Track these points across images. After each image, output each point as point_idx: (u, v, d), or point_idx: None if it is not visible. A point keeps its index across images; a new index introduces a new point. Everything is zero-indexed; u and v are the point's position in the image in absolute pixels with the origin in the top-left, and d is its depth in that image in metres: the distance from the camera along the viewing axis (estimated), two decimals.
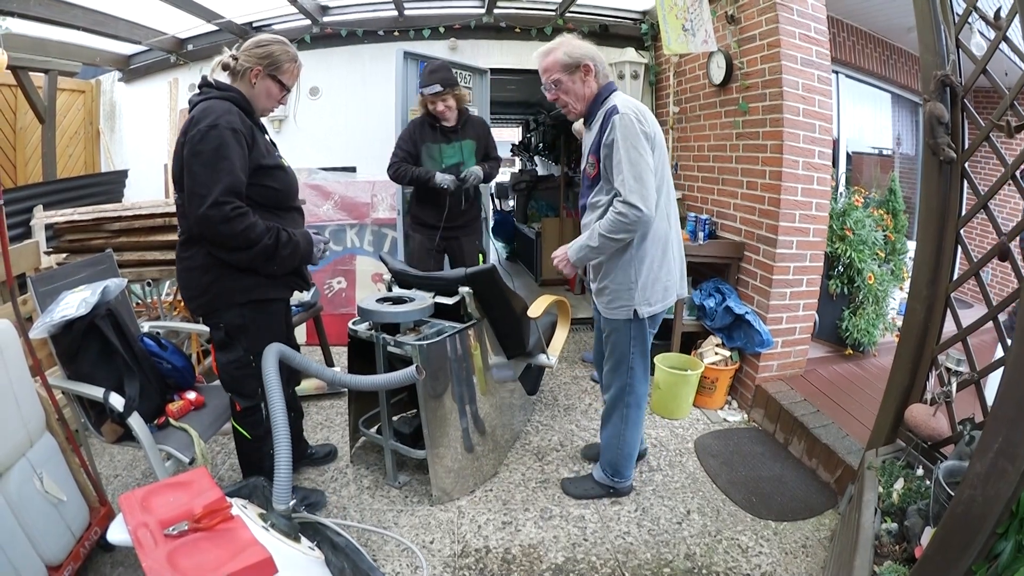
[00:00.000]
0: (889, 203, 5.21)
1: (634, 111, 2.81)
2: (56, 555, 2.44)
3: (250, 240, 2.58)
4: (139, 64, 6.86)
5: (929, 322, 2.84)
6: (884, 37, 6.26)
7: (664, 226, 3.00)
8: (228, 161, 2.50)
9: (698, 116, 5.46)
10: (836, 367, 4.80)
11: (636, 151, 2.75)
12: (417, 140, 4.54)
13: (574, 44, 2.96)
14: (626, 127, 2.76)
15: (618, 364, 3.22)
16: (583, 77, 2.96)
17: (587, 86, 2.98)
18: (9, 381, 2.34)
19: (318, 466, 3.75)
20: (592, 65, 2.94)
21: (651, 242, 2.96)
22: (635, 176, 2.73)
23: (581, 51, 2.93)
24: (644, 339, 3.16)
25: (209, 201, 2.44)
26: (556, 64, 2.95)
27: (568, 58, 2.92)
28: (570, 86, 2.98)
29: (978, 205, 2.54)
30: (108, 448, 3.74)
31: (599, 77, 2.99)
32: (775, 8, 4.13)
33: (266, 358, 2.53)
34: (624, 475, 3.43)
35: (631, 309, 3.03)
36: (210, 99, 2.62)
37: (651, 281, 3.01)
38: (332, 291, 6.01)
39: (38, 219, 5.15)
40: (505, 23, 6.31)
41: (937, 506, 2.19)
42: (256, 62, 2.73)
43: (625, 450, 3.35)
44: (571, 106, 3.05)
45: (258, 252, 2.64)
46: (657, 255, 3.00)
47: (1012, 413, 1.71)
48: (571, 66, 2.94)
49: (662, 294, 3.06)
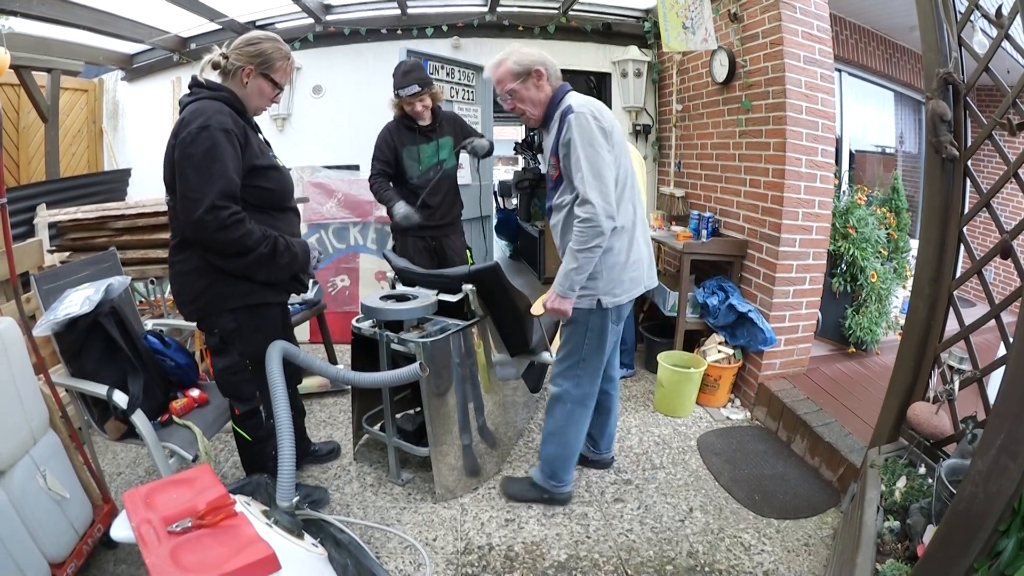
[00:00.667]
0: (892, 201, 5.20)
1: (589, 109, 2.81)
2: (59, 552, 2.45)
3: (246, 247, 2.56)
4: (142, 63, 6.87)
5: (932, 320, 2.84)
6: (887, 35, 6.25)
7: (628, 217, 2.97)
8: (221, 163, 2.45)
9: (701, 114, 5.46)
10: (839, 365, 4.79)
11: (592, 148, 2.75)
12: (396, 145, 4.46)
13: (522, 52, 2.96)
14: (582, 125, 2.76)
15: (568, 356, 3.17)
16: (536, 83, 2.95)
17: (541, 91, 2.97)
18: (12, 378, 2.34)
19: (321, 463, 3.75)
20: (543, 69, 2.94)
21: (616, 233, 2.91)
22: (593, 173, 2.73)
23: (530, 58, 2.93)
24: (602, 333, 3.08)
25: (204, 206, 2.40)
26: (507, 74, 2.95)
27: (518, 66, 2.92)
28: (524, 93, 2.97)
29: (981, 203, 2.54)
30: (111, 446, 3.76)
31: (551, 80, 2.99)
32: (778, 6, 4.13)
33: (270, 356, 2.54)
34: (561, 479, 3.33)
35: (594, 298, 2.96)
36: (200, 99, 2.58)
37: (616, 271, 2.96)
38: (335, 289, 6.02)
39: (41, 218, 5.17)
40: (508, 21, 6.33)
41: (939, 504, 2.19)
42: (247, 61, 2.67)
43: (564, 450, 3.28)
44: (528, 113, 3.03)
45: (253, 260, 2.61)
46: (623, 246, 2.95)
47: (1014, 410, 1.71)
48: (522, 74, 2.93)
49: (628, 285, 3.01)
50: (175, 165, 2.49)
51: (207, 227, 2.44)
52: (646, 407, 4.63)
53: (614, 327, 3.11)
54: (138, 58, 6.88)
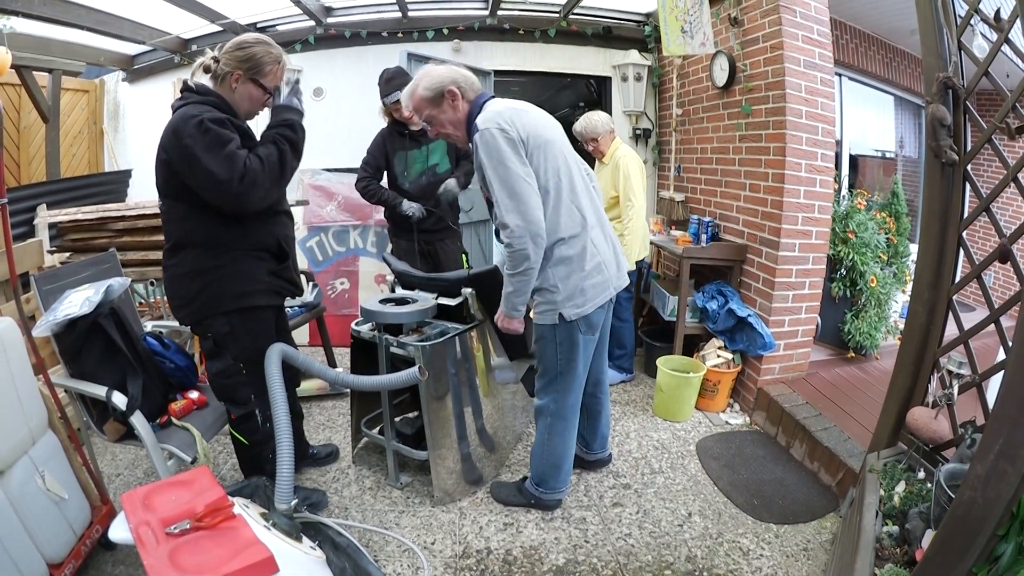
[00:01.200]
0: (892, 206, 5.21)
1: (496, 122, 2.69)
2: (57, 553, 2.45)
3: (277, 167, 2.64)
4: (143, 64, 6.87)
5: (931, 325, 2.84)
6: (887, 39, 6.26)
7: (575, 223, 2.84)
8: (227, 146, 2.46)
9: (701, 118, 5.47)
10: (838, 370, 4.79)
11: (502, 165, 2.65)
12: (388, 150, 4.51)
13: (431, 75, 2.86)
14: (487, 143, 2.67)
15: (544, 372, 3.13)
16: (451, 103, 2.87)
17: (458, 111, 2.89)
18: (12, 379, 2.35)
19: (320, 466, 3.76)
20: (455, 88, 2.84)
21: (564, 244, 2.82)
22: (508, 193, 2.64)
23: (439, 79, 2.84)
24: (572, 346, 2.99)
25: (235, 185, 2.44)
26: (422, 102, 2.89)
27: (428, 91, 2.85)
28: (442, 117, 2.90)
29: (980, 207, 2.54)
30: (110, 447, 3.76)
31: (467, 95, 2.89)
32: (778, 10, 4.14)
33: (269, 358, 2.54)
34: (550, 486, 3.30)
35: (555, 312, 2.88)
36: (189, 104, 2.55)
37: (573, 281, 2.86)
38: (335, 292, 6.02)
39: (41, 218, 5.18)
40: (509, 25, 6.33)
41: (938, 509, 2.18)
42: (236, 65, 2.64)
43: (551, 461, 3.25)
44: (452, 135, 2.97)
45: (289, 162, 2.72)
46: (575, 255, 2.84)
47: (1013, 414, 1.71)
48: (434, 98, 2.85)
49: (591, 292, 2.89)
50: (186, 164, 2.46)
51: (248, 198, 2.50)
52: (645, 411, 4.63)
53: (586, 337, 3.01)
54: (139, 59, 6.88)
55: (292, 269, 3.04)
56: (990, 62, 2.46)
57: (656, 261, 6.31)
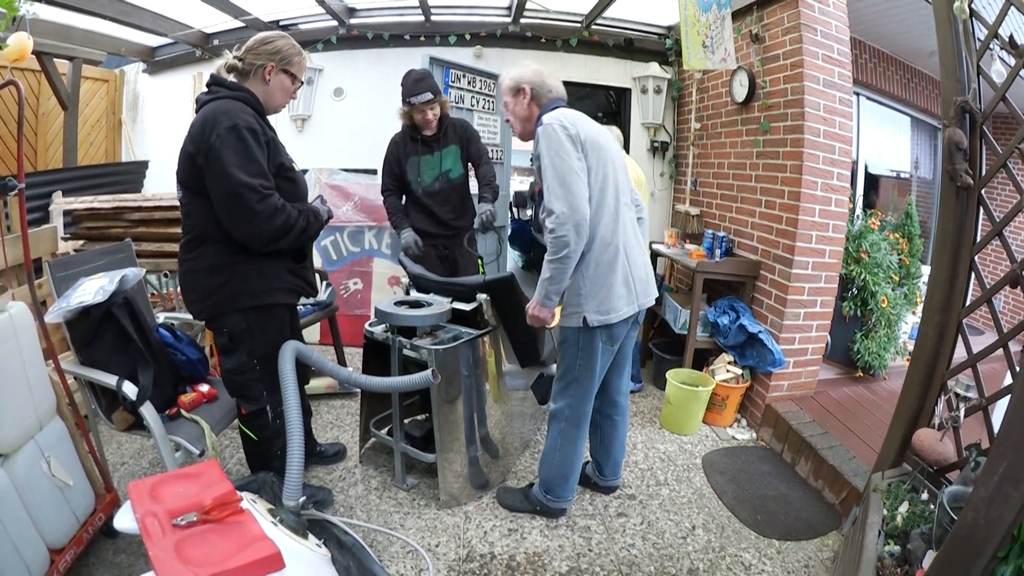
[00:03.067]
0: (905, 227, 5.21)
1: (560, 119, 2.84)
2: (59, 538, 2.48)
3: (290, 226, 2.64)
4: (164, 56, 6.92)
5: (940, 347, 2.84)
6: (906, 60, 6.26)
7: (612, 231, 2.91)
8: (256, 163, 2.51)
9: (719, 133, 5.48)
10: (846, 389, 4.79)
11: (559, 157, 2.75)
12: (401, 157, 4.47)
13: (521, 71, 3.09)
14: (548, 136, 2.80)
15: (563, 375, 3.17)
16: (522, 99, 3.07)
17: (525, 108, 3.09)
18: (22, 363, 2.37)
19: (327, 465, 3.78)
20: (527, 88, 3.04)
21: (598, 245, 2.88)
22: (559, 181, 2.72)
23: (522, 77, 3.06)
24: (592, 353, 3.03)
25: (256, 197, 2.48)
26: (505, 89, 3.13)
27: (512, 82, 3.08)
28: (513, 108, 3.12)
29: (993, 232, 2.54)
30: (116, 436, 3.81)
31: (537, 99, 3.07)
32: (799, 28, 4.16)
33: (283, 356, 2.57)
34: (557, 495, 3.32)
35: (580, 316, 2.93)
36: (221, 99, 2.59)
37: (599, 286, 2.91)
38: (348, 292, 6.05)
39: (56, 205, 5.21)
40: (531, 33, 6.37)
41: (940, 530, 2.19)
42: (268, 58, 2.71)
43: (560, 469, 3.26)
44: (513, 125, 3.20)
45: (294, 235, 2.70)
46: (603, 259, 2.90)
47: (1017, 439, 1.72)
48: (514, 89, 3.09)
49: (617, 304, 2.94)
50: (209, 165, 2.48)
51: (263, 215, 2.52)
52: (653, 423, 4.64)
53: (606, 347, 3.06)
54: (160, 51, 6.92)
55: (309, 269, 3.08)
56: (1008, 87, 2.47)
57: (669, 274, 6.32)
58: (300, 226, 2.70)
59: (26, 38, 2.93)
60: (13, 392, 2.33)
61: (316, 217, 2.86)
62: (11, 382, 2.32)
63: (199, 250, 2.71)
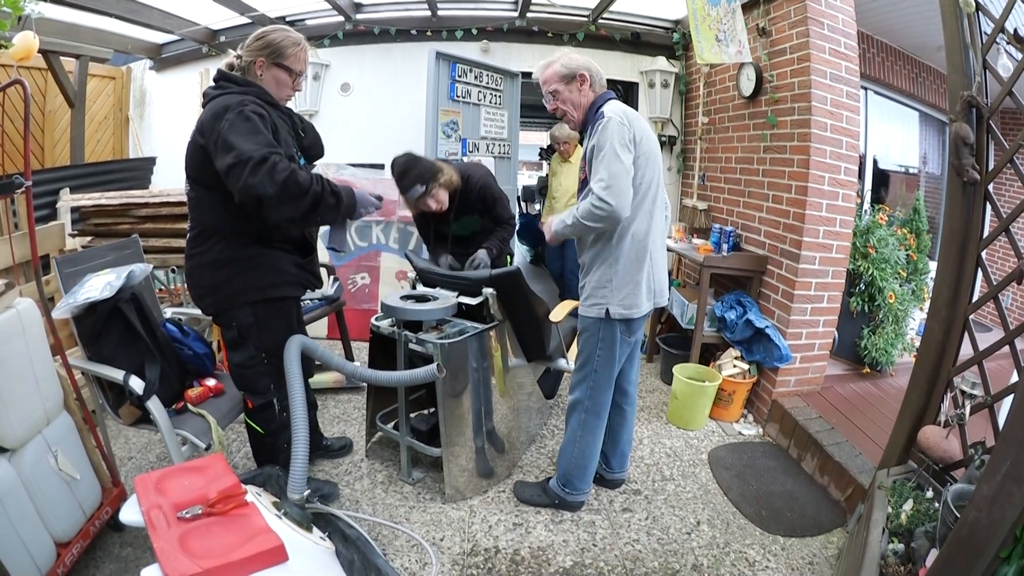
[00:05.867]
0: (913, 222, 5.19)
1: (620, 116, 2.84)
2: (66, 532, 2.50)
3: (301, 189, 2.43)
4: (171, 53, 6.96)
5: (946, 343, 2.82)
6: (914, 55, 6.22)
7: (646, 231, 3.00)
8: (262, 135, 2.44)
9: (727, 127, 5.46)
10: (853, 385, 4.78)
11: (614, 151, 2.76)
12: (428, 221, 4.13)
13: (571, 56, 3.04)
14: (609, 130, 2.79)
15: (584, 364, 3.21)
16: (579, 87, 3.02)
17: (583, 95, 3.03)
18: (30, 359, 2.40)
19: (333, 459, 3.80)
20: (587, 75, 3.00)
21: (629, 242, 2.96)
22: (610, 174, 2.74)
23: (577, 63, 3.01)
24: (612, 344, 3.10)
25: (251, 164, 2.32)
26: (554, 75, 3.03)
27: (565, 69, 3.00)
28: (567, 96, 3.04)
29: (1000, 227, 2.53)
30: (124, 430, 3.83)
31: (595, 87, 3.05)
32: (806, 22, 4.14)
33: (289, 349, 2.57)
34: (576, 487, 3.37)
35: (603, 307, 3.01)
36: (229, 93, 2.58)
37: (626, 281, 2.99)
38: (356, 286, 6.07)
39: (64, 201, 5.23)
40: (537, 27, 6.36)
41: (944, 529, 2.18)
42: (257, 54, 2.69)
43: (579, 460, 3.31)
44: (570, 114, 3.10)
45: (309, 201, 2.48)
46: (632, 256, 2.98)
47: (1021, 437, 1.71)
48: (568, 76, 3.01)
49: (638, 299, 3.02)
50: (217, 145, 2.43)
51: (259, 184, 2.33)
52: (659, 418, 4.64)
53: (624, 339, 3.13)
54: (167, 48, 6.96)
55: (316, 262, 3.10)
56: (1014, 82, 2.45)
57: (677, 269, 6.31)
58: (315, 190, 2.49)
59: (32, 37, 2.95)
60: (21, 387, 2.35)
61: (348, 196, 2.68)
62: (19, 377, 2.35)
63: (207, 244, 2.72)
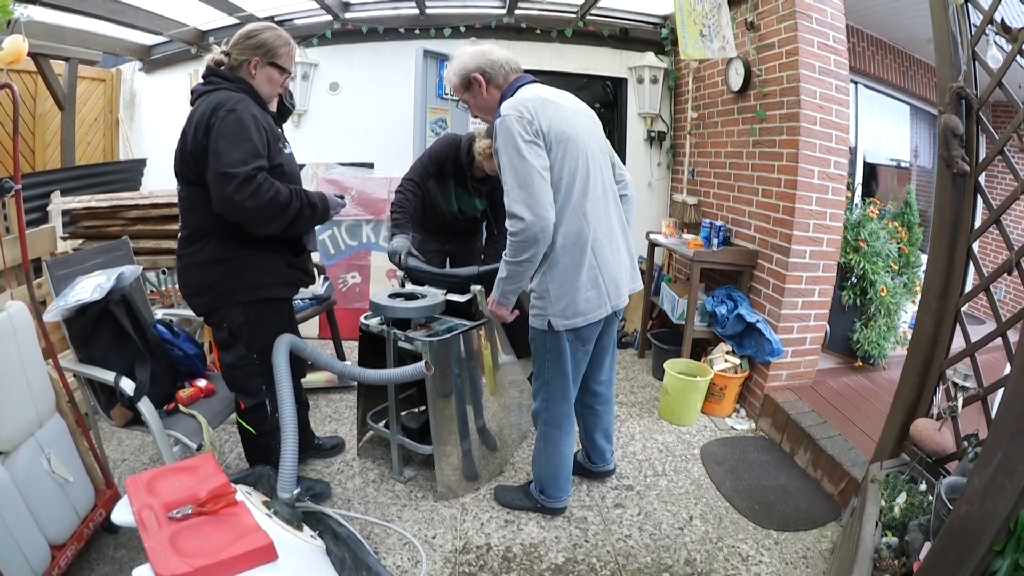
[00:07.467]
0: (904, 215, 5.19)
1: (518, 109, 2.61)
2: (60, 534, 2.49)
3: (281, 206, 2.53)
4: (160, 55, 6.91)
5: (938, 336, 2.82)
6: (903, 48, 6.24)
7: (578, 230, 2.72)
8: (251, 143, 2.46)
9: (716, 122, 5.46)
10: (845, 379, 4.78)
11: (517, 155, 2.55)
12: (448, 171, 4.11)
13: (460, 62, 2.85)
14: (503, 131, 2.59)
15: (537, 375, 3.05)
16: (479, 90, 2.85)
17: (489, 96, 2.86)
18: (21, 362, 2.38)
19: (325, 458, 3.78)
20: (479, 76, 2.82)
21: (562, 248, 2.70)
22: (519, 183, 2.55)
23: (466, 66, 2.82)
24: (560, 354, 2.90)
25: (239, 178, 2.38)
26: (455, 87, 2.92)
27: (458, 78, 2.86)
28: (474, 102, 2.91)
29: (991, 219, 2.53)
30: (116, 432, 3.80)
31: (496, 82, 2.85)
32: (794, 16, 4.13)
33: (277, 349, 2.56)
34: (551, 495, 3.25)
35: (545, 319, 2.80)
36: (221, 90, 2.59)
37: (565, 291, 2.74)
38: (346, 286, 6.05)
39: (55, 204, 5.21)
40: (526, 24, 6.34)
41: (938, 522, 2.18)
42: (252, 52, 2.69)
43: (548, 469, 3.20)
44: (484, 120, 3.00)
45: (289, 217, 2.59)
46: (567, 262, 2.72)
47: (1012, 428, 1.71)
48: (464, 84, 2.86)
49: (584, 306, 2.77)
50: (208, 146, 2.46)
51: (242, 197, 2.40)
52: (651, 414, 4.64)
53: (577, 347, 2.92)
54: (156, 49, 6.91)
55: (308, 260, 3.08)
56: (1003, 73, 2.45)
57: (667, 264, 6.31)
58: (295, 207, 2.59)
59: (21, 40, 2.93)
60: (13, 390, 2.34)
61: (322, 203, 2.79)
62: (10, 380, 2.34)
63: (198, 244, 2.71)
